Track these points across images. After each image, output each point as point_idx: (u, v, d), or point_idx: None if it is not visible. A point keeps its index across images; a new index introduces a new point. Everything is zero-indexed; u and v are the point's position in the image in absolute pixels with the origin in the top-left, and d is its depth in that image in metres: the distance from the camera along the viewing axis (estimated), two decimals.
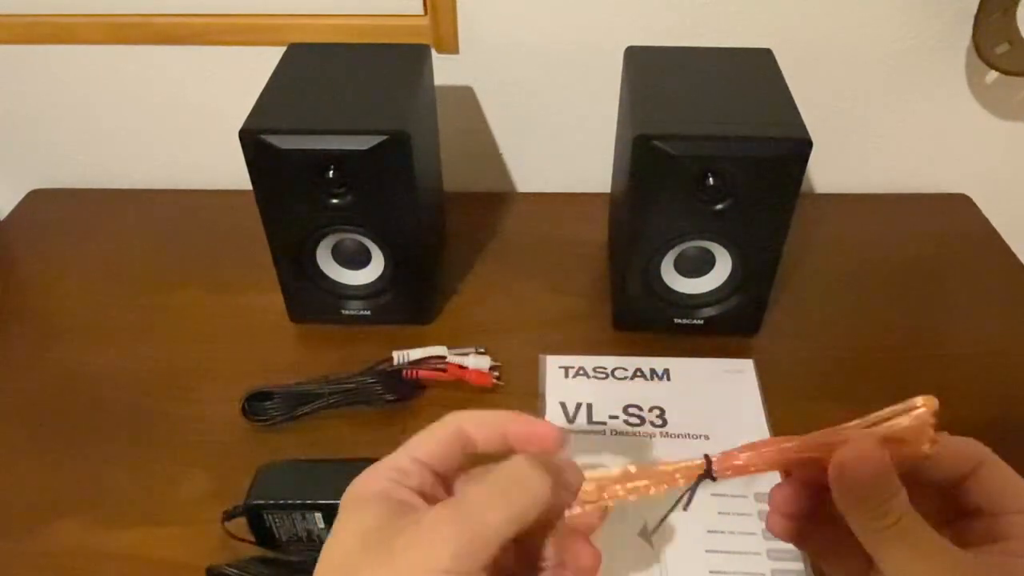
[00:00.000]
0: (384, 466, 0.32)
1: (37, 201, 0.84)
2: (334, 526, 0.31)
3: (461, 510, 0.29)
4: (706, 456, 0.33)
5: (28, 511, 0.54)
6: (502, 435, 0.34)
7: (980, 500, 0.32)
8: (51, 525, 0.53)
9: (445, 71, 0.76)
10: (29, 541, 0.52)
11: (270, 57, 0.64)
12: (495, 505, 0.29)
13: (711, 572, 0.49)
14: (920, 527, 0.29)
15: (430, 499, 0.32)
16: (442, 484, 0.33)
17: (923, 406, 0.30)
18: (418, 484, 0.32)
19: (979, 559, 0.29)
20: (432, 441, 0.33)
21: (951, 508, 0.33)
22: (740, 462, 0.33)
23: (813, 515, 0.33)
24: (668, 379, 0.61)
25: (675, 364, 0.63)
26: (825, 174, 0.85)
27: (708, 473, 0.33)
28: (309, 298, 0.65)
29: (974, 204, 0.82)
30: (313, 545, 0.49)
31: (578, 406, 0.59)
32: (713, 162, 0.55)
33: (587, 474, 0.33)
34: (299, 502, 0.47)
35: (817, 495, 0.33)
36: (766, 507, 0.40)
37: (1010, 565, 0.29)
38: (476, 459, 0.34)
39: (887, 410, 0.31)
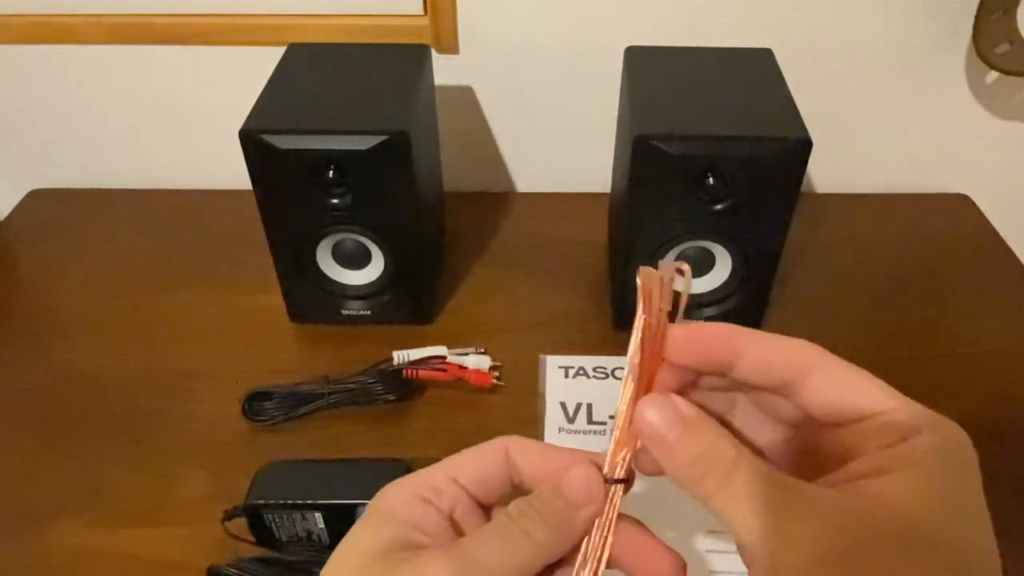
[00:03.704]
0: (417, 480, 0.30)
1: (37, 201, 0.84)
2: (352, 528, 0.29)
3: (457, 561, 0.27)
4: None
5: (28, 511, 0.54)
6: (549, 474, 0.30)
7: (819, 411, 0.27)
8: (51, 525, 0.53)
9: (445, 71, 0.76)
10: (29, 541, 0.52)
11: (270, 57, 0.64)
12: (493, 556, 0.27)
13: (711, 572, 0.49)
14: (753, 479, 0.25)
15: (460, 526, 0.30)
16: (482, 511, 0.31)
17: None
18: (448, 507, 0.29)
19: (838, 495, 0.25)
20: (474, 462, 0.31)
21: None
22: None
23: None
24: None
25: None
26: (825, 174, 0.85)
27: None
28: (309, 298, 0.65)
29: (974, 204, 0.82)
30: (313, 545, 0.49)
31: (578, 406, 0.59)
32: (713, 162, 0.55)
33: (588, 471, 0.29)
34: (299, 502, 0.47)
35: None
36: None
37: (869, 489, 0.25)
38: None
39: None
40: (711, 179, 0.55)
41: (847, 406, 0.27)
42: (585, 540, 0.29)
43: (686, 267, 0.28)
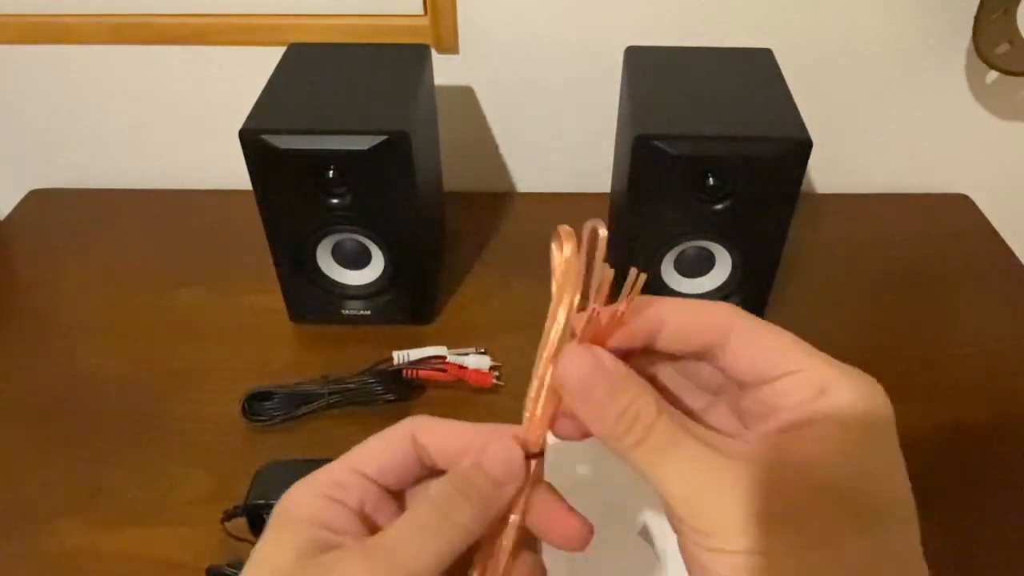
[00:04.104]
0: (320, 478, 0.28)
1: (37, 201, 0.84)
2: (260, 539, 0.27)
3: (375, 557, 0.25)
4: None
5: (28, 511, 0.54)
6: (460, 453, 0.29)
7: (740, 372, 0.27)
8: (51, 525, 0.53)
9: (445, 71, 0.76)
10: (29, 541, 0.52)
11: (270, 57, 0.64)
12: (415, 546, 0.26)
13: None
14: (674, 433, 0.25)
15: (372, 519, 0.28)
16: (394, 499, 0.30)
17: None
18: (358, 502, 0.28)
19: (755, 449, 0.25)
20: (380, 451, 0.29)
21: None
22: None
23: None
24: None
25: None
26: (825, 174, 0.85)
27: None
28: (309, 298, 0.65)
29: (974, 204, 0.82)
30: None
31: None
32: (713, 162, 0.55)
33: (509, 448, 0.29)
34: None
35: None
36: None
37: (785, 444, 0.25)
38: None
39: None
40: (711, 179, 0.55)
41: (767, 364, 0.27)
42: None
43: (601, 223, 0.28)
